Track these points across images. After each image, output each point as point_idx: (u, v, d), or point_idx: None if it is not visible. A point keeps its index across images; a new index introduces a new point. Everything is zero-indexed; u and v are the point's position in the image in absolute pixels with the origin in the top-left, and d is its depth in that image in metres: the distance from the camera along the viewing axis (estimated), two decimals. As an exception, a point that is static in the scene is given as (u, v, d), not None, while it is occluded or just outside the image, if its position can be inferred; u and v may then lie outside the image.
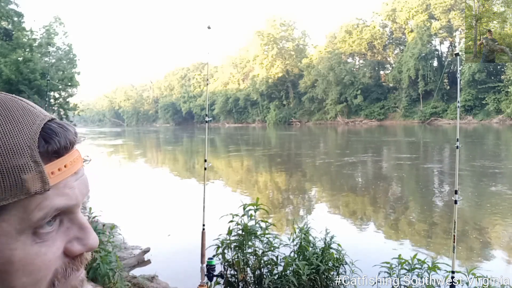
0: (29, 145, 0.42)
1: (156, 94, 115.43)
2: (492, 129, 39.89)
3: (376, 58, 66.27)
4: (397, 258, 3.65)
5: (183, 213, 8.55)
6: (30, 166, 0.42)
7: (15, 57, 16.15)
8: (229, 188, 13.34)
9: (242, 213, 4.10)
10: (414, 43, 56.12)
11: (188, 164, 22.12)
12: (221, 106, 79.95)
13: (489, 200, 9.93)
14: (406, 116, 56.73)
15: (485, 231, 7.68)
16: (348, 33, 65.79)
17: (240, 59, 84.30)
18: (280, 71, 71.59)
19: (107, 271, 3.87)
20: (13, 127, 0.41)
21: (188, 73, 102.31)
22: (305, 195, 12.09)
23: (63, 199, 0.44)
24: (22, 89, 15.71)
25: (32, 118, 0.43)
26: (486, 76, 47.72)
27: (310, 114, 68.72)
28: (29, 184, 0.42)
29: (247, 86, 78.72)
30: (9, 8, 17.42)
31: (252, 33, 77.21)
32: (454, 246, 3.25)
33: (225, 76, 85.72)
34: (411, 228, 8.01)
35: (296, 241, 4.10)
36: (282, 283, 3.70)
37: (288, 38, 75.21)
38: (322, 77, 63.24)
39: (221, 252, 4.03)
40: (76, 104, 20.59)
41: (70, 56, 21.43)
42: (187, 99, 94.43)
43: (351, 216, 9.31)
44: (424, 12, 56.87)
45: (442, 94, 52.69)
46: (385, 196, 11.47)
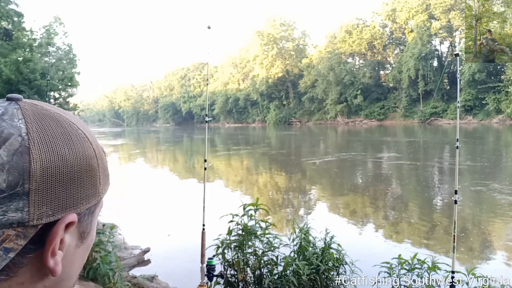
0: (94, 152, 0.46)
1: (156, 94, 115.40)
2: (492, 129, 39.88)
3: (376, 58, 66.23)
4: (397, 258, 3.65)
5: (183, 213, 8.55)
6: (99, 172, 0.45)
7: (15, 57, 16.13)
8: (229, 188, 13.34)
9: (242, 213, 4.09)
10: (414, 43, 56.08)
11: (188, 164, 22.13)
12: (221, 106, 79.91)
13: (489, 200, 9.93)
14: (406, 116, 56.70)
15: (485, 231, 7.68)
16: (348, 33, 65.75)
17: (240, 59, 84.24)
18: (280, 71, 71.55)
19: (107, 271, 3.87)
20: (87, 137, 0.45)
21: (188, 73, 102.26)
22: (305, 195, 12.09)
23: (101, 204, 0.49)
24: (22, 89, 15.68)
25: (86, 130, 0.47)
26: (486, 76, 47.67)
27: (310, 114, 68.69)
28: (101, 188, 0.46)
29: (247, 86, 78.67)
30: (9, 8, 17.40)
31: (252, 33, 77.21)
32: (454, 246, 3.25)
33: (225, 76, 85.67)
34: (411, 228, 8.01)
35: (296, 241, 4.09)
36: (282, 283, 3.70)
37: (288, 38, 75.17)
38: (322, 77, 63.21)
39: (221, 252, 4.02)
40: (76, 104, 20.55)
41: (70, 56, 21.41)
42: (187, 99, 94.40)
43: (351, 216, 9.31)
44: (424, 12, 56.82)
45: (442, 94, 52.66)
46: (385, 196, 11.47)
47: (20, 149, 0.38)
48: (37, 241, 0.39)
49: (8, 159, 0.37)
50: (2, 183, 0.36)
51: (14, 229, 0.37)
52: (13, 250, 0.37)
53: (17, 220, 0.37)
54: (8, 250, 0.37)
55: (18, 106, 0.41)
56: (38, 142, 0.39)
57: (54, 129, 0.41)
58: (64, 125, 0.43)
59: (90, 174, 0.43)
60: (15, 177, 0.37)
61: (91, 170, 0.44)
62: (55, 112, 0.44)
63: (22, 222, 0.37)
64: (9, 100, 0.42)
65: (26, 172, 0.37)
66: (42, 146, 0.39)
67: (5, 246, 0.37)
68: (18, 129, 0.39)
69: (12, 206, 0.37)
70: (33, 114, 0.41)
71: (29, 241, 0.38)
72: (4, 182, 0.37)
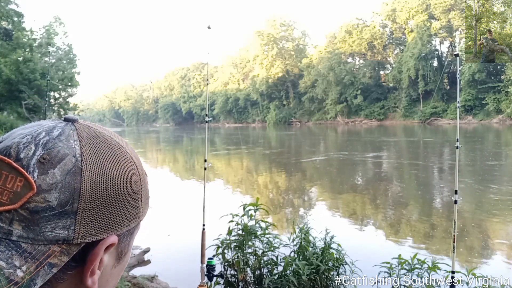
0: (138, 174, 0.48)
1: (156, 94, 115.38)
2: (492, 129, 39.88)
3: (376, 58, 66.23)
4: (397, 258, 3.65)
5: (183, 213, 8.55)
6: (141, 195, 0.47)
7: (15, 57, 16.13)
8: (229, 188, 13.34)
9: (242, 213, 4.09)
10: (414, 43, 56.08)
11: (188, 164, 22.13)
12: (221, 106, 79.88)
13: (489, 200, 9.93)
14: (406, 116, 56.69)
15: (485, 231, 7.68)
16: (348, 33, 65.74)
17: (240, 59, 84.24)
18: (280, 71, 71.56)
19: (107, 271, 3.86)
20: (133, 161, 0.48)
21: (188, 73, 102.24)
22: (305, 195, 12.10)
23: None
24: (22, 89, 15.69)
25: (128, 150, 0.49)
26: (486, 76, 47.69)
27: (310, 114, 68.70)
28: (142, 211, 0.48)
29: (247, 86, 78.69)
30: (9, 8, 17.41)
31: (252, 33, 77.25)
32: (454, 246, 3.25)
33: (225, 76, 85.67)
34: (411, 228, 8.01)
35: (296, 241, 4.09)
36: (282, 283, 3.70)
37: (288, 38, 75.18)
38: (322, 77, 63.22)
39: (221, 252, 4.02)
40: (76, 104, 20.55)
41: (70, 56, 21.41)
42: (187, 99, 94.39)
43: (351, 215, 9.31)
44: (424, 12, 56.82)
45: (442, 94, 52.68)
46: (385, 195, 11.47)
47: (73, 170, 0.40)
48: (79, 259, 0.41)
49: (62, 178, 0.39)
50: (54, 201, 0.38)
51: (60, 245, 0.39)
52: (56, 265, 0.39)
53: (63, 238, 0.39)
54: (52, 265, 0.38)
55: (74, 128, 0.43)
56: (90, 164, 0.41)
57: (105, 152, 0.43)
58: (114, 148, 0.45)
59: (133, 197, 0.45)
60: (66, 196, 0.39)
61: (135, 193, 0.46)
62: (107, 135, 0.46)
63: (68, 240, 0.39)
64: (66, 121, 0.44)
65: (77, 192, 0.39)
66: (93, 168, 0.41)
67: (50, 261, 0.38)
68: (73, 150, 0.41)
69: (60, 224, 0.39)
70: (87, 136, 0.43)
71: (72, 259, 0.40)
72: (56, 200, 0.38)
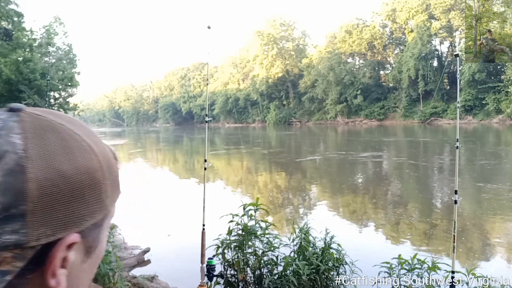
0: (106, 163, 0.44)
1: (156, 94, 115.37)
2: (492, 129, 39.88)
3: (376, 58, 66.23)
4: (397, 258, 3.65)
5: (183, 213, 8.55)
6: (105, 184, 0.43)
7: (15, 57, 16.11)
8: (229, 188, 13.34)
9: (242, 213, 4.09)
10: (414, 43, 56.07)
11: (188, 164, 22.13)
12: (221, 106, 79.85)
13: (489, 200, 9.93)
14: (406, 116, 56.69)
15: (485, 231, 7.68)
16: (348, 33, 65.74)
17: (240, 59, 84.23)
18: (280, 71, 71.55)
19: (107, 271, 3.86)
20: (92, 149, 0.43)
21: (188, 73, 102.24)
22: (305, 195, 12.10)
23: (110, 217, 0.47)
24: (22, 89, 15.68)
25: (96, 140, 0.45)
26: (486, 76, 47.67)
27: (310, 114, 68.69)
28: (109, 201, 0.44)
29: (247, 86, 78.66)
30: (9, 8, 17.39)
31: (252, 33, 77.18)
32: (454, 246, 3.25)
33: (225, 76, 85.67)
34: (411, 228, 8.01)
35: (296, 241, 4.09)
36: (282, 283, 3.70)
37: (288, 38, 75.16)
38: (322, 77, 63.20)
39: (221, 252, 4.02)
40: (76, 104, 20.51)
41: (70, 56, 21.37)
42: (187, 99, 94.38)
43: (351, 216, 9.31)
44: (424, 12, 56.81)
45: (442, 94, 52.66)
46: (385, 195, 11.47)
47: (14, 168, 0.35)
48: (37, 261, 0.37)
49: (1, 180, 0.35)
50: None
51: (11, 251, 0.35)
52: (10, 272, 0.35)
53: (14, 243, 0.35)
54: (5, 273, 0.35)
55: (18, 118, 0.38)
56: (35, 159, 0.36)
57: (54, 144, 0.39)
58: (66, 138, 0.40)
59: (94, 188, 0.41)
60: (9, 199, 0.35)
61: (95, 184, 0.41)
62: (58, 122, 0.41)
63: (19, 244, 0.35)
64: (11, 111, 0.39)
65: (22, 192, 0.35)
66: (40, 164, 0.37)
67: (2, 269, 0.35)
68: (13, 145, 0.36)
69: (7, 229, 0.35)
70: (33, 128, 0.38)
71: (29, 262, 0.36)
72: None
